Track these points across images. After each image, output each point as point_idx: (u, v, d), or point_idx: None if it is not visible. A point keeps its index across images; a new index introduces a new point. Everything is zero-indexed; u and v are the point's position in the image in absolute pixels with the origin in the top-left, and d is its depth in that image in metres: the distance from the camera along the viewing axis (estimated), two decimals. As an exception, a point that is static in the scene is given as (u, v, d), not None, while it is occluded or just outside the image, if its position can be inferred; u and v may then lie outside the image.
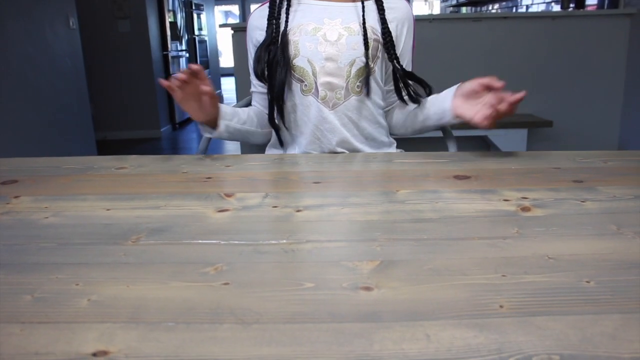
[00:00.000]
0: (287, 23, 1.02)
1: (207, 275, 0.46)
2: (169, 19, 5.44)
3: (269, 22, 1.04)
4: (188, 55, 6.20)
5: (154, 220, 0.60)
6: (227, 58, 10.83)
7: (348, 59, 1.01)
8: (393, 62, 1.05)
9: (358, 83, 1.03)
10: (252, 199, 0.68)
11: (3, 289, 0.44)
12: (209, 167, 0.87)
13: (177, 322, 0.39)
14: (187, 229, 0.58)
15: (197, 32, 6.69)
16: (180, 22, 5.95)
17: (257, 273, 0.47)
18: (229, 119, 1.02)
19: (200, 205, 0.66)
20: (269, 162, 0.91)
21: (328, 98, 1.02)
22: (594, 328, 0.37)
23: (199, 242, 0.54)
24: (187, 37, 6.23)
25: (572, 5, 3.63)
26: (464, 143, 2.73)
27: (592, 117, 2.79)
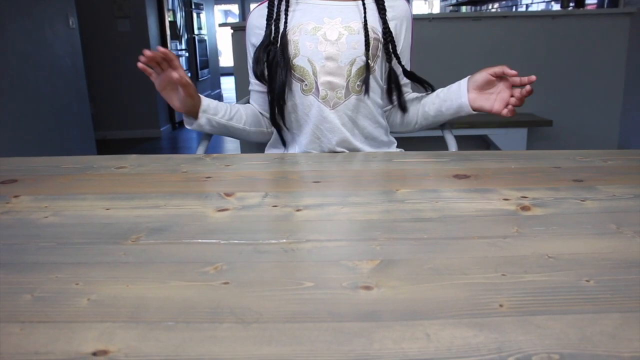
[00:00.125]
0: (286, 23, 1.02)
1: (206, 275, 0.46)
2: (169, 18, 5.43)
3: (268, 22, 1.03)
4: (188, 55, 6.20)
5: (154, 220, 0.60)
6: (226, 57, 10.82)
7: (348, 58, 1.01)
8: (391, 62, 1.05)
9: (358, 82, 1.03)
10: (252, 199, 0.68)
11: (3, 289, 0.44)
12: (209, 166, 0.86)
13: (177, 321, 0.39)
14: (186, 229, 0.58)
15: (196, 31, 6.69)
16: (180, 21, 5.94)
17: (257, 272, 0.47)
18: (213, 113, 1.02)
19: (200, 205, 0.66)
20: (269, 161, 0.91)
21: (329, 97, 1.02)
22: (594, 327, 0.37)
23: (199, 241, 0.54)
24: (186, 36, 6.23)
25: (571, 4, 3.63)
26: (464, 142, 2.72)
27: (592, 116, 2.79)
